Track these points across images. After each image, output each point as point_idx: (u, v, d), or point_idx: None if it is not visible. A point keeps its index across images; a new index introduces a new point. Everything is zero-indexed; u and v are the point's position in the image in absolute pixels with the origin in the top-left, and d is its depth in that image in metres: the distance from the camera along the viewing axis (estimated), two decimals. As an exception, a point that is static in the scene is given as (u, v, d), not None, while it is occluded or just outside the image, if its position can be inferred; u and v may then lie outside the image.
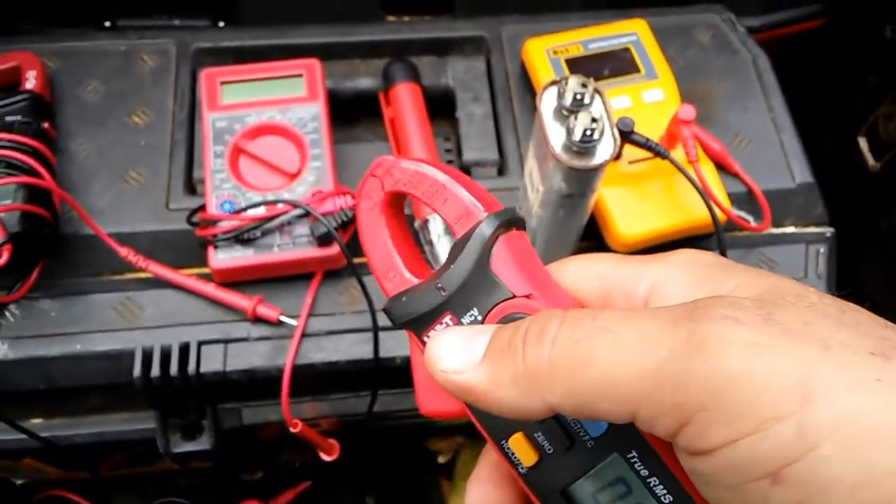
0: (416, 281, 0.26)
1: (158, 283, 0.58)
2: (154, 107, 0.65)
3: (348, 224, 0.57)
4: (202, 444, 0.62)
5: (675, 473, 0.23)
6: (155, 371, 0.56)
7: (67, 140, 0.63)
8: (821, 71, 0.88)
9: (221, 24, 0.74)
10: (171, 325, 0.58)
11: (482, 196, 0.26)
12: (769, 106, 0.69)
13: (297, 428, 0.59)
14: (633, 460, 0.23)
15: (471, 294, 0.25)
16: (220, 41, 0.69)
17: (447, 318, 0.25)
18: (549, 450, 0.24)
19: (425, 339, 0.25)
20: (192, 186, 0.63)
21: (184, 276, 0.58)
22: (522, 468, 0.25)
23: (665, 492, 0.23)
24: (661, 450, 0.23)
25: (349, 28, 0.71)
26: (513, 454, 0.25)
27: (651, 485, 0.23)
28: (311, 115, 0.61)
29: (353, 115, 0.69)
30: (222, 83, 0.62)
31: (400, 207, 0.28)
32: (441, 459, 0.93)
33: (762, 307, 0.20)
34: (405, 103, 0.64)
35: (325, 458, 0.65)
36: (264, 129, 0.61)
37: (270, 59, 0.65)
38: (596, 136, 0.49)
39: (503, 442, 0.25)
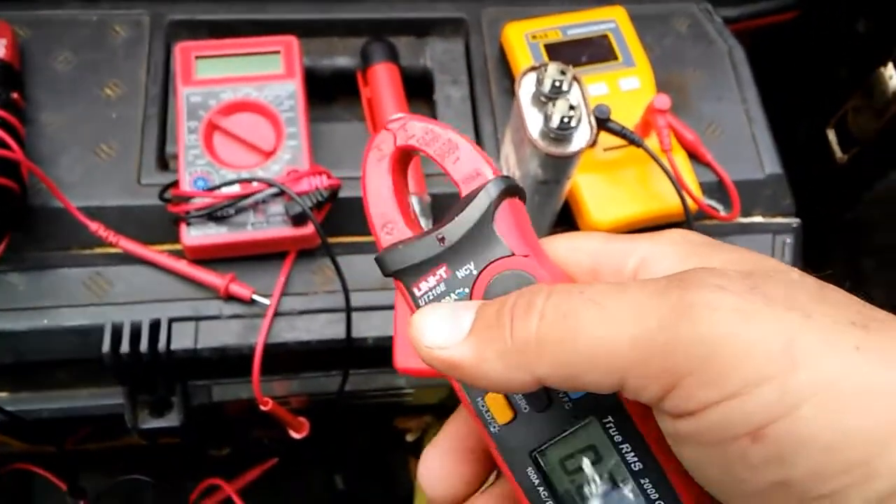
0: (412, 235, 0.27)
1: (129, 258, 0.58)
2: (126, 79, 0.64)
3: (323, 204, 0.57)
4: (171, 420, 0.62)
5: (647, 441, 0.23)
6: (124, 347, 0.55)
7: (37, 111, 0.62)
8: (794, 63, 0.89)
9: (197, -5, 0.73)
10: (141, 301, 0.57)
11: (490, 162, 0.27)
12: (742, 97, 0.70)
13: (267, 406, 0.59)
14: (608, 425, 0.24)
15: (470, 248, 0.25)
16: (196, 14, 0.68)
17: (442, 270, 0.26)
18: (525, 409, 0.25)
19: (415, 290, 0.26)
20: (164, 162, 0.62)
21: (155, 253, 0.58)
22: (495, 426, 0.25)
23: (636, 458, 0.24)
24: (637, 415, 0.23)
25: (328, 5, 0.70)
26: (487, 411, 0.25)
27: (623, 451, 0.24)
28: (287, 93, 0.61)
29: (330, 93, 0.68)
30: (197, 57, 0.61)
31: (406, 165, 0.28)
32: (409, 438, 0.94)
33: (748, 278, 0.21)
34: (383, 84, 0.64)
35: (295, 435, 0.66)
36: (240, 106, 0.60)
37: (247, 34, 0.64)
38: (573, 124, 0.50)
39: (479, 399, 0.25)
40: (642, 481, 0.23)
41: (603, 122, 0.56)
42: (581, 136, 0.51)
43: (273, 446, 0.88)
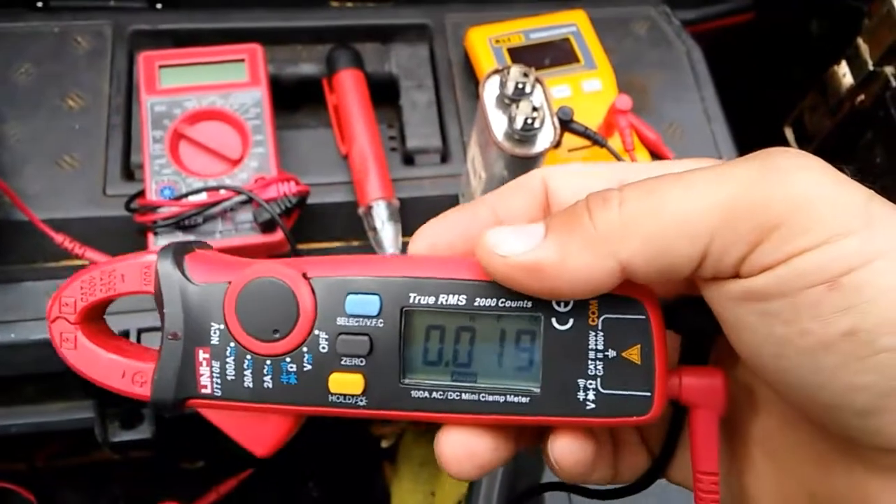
0: (153, 364, 0.26)
1: (97, 270, 0.57)
2: (89, 90, 0.64)
3: (292, 210, 0.57)
4: (142, 432, 0.61)
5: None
6: (93, 359, 0.55)
7: (-2, 123, 0.61)
8: (751, 63, 0.91)
9: (159, 5, 0.73)
10: (109, 312, 0.56)
11: (145, 253, 0.26)
12: (701, 96, 0.71)
13: (240, 414, 0.59)
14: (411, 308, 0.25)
15: (200, 316, 0.25)
16: (158, 23, 0.68)
17: (202, 356, 0.25)
18: (362, 362, 0.25)
19: (203, 391, 0.25)
20: (130, 172, 0.62)
21: (123, 263, 0.57)
22: (361, 401, 0.25)
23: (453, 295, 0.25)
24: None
25: (292, 13, 0.70)
26: (343, 397, 0.25)
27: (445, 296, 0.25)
28: (253, 101, 0.61)
29: (296, 100, 0.68)
30: (161, 66, 0.61)
31: (96, 324, 0.27)
32: (384, 444, 0.94)
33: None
34: (349, 90, 0.64)
35: (269, 444, 0.65)
36: (205, 115, 0.60)
37: (210, 43, 0.64)
38: (537, 125, 0.51)
39: (327, 396, 0.25)
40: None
41: (566, 124, 0.57)
42: (545, 137, 0.52)
43: (247, 457, 0.87)
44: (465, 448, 0.25)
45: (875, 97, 0.71)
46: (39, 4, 0.69)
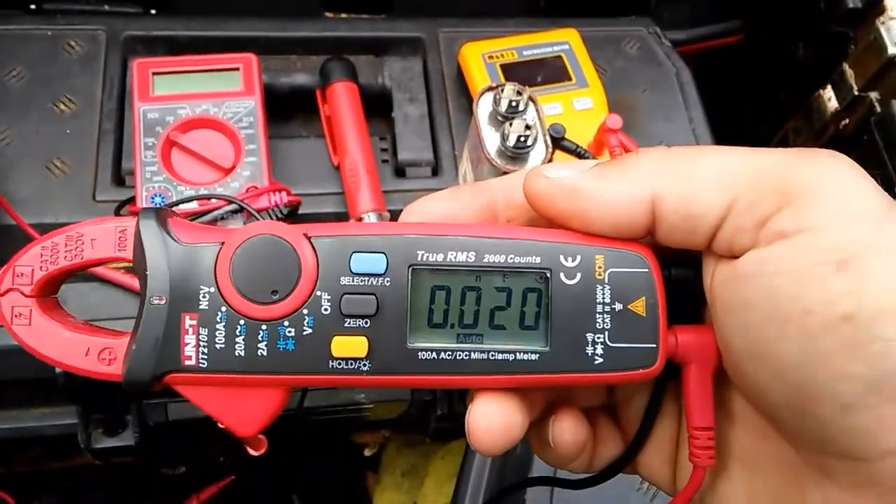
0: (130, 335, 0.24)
1: (84, 276, 0.57)
2: (81, 95, 0.63)
3: (283, 220, 0.58)
4: (125, 439, 0.61)
5: None
6: (79, 366, 0.55)
7: (-12, 126, 0.61)
8: (738, 85, 0.93)
9: (153, 11, 0.73)
10: (96, 318, 0.56)
11: (118, 218, 0.24)
12: (690, 117, 0.72)
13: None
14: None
15: (188, 279, 0.23)
16: (153, 30, 0.68)
17: (189, 322, 0.23)
18: (366, 323, 0.24)
19: (187, 363, 0.23)
20: (120, 178, 0.61)
21: (110, 270, 0.57)
22: (364, 365, 0.24)
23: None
24: None
25: (287, 23, 0.70)
26: (346, 362, 0.24)
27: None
28: (246, 110, 0.61)
29: (289, 110, 0.69)
30: (154, 74, 0.61)
31: (52, 300, 0.25)
32: (367, 452, 0.94)
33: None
34: (342, 102, 0.64)
35: (253, 453, 0.65)
36: (198, 123, 0.60)
37: (204, 50, 0.64)
38: (529, 143, 0.51)
39: (328, 362, 0.24)
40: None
41: (558, 141, 0.58)
42: (537, 155, 0.52)
43: (229, 464, 0.87)
44: (500, 420, 0.24)
45: (859, 121, 0.73)
46: (33, 7, 0.69)
